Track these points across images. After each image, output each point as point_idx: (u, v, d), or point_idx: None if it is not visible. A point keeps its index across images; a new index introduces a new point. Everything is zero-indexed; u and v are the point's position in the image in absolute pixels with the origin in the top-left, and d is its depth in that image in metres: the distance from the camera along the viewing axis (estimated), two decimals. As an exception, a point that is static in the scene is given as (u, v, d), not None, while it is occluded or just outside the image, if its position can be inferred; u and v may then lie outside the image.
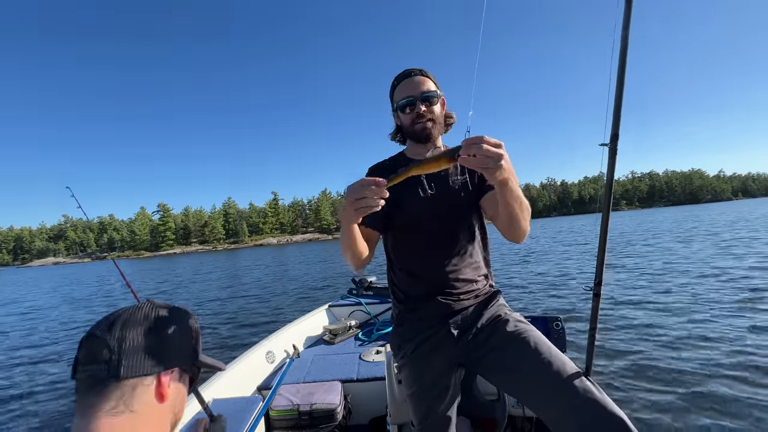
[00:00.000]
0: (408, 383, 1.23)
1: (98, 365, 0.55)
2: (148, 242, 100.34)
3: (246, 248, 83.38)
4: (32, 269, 72.18)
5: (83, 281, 22.51)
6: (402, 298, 1.26)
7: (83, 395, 0.55)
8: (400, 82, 1.22)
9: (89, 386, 0.55)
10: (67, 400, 3.92)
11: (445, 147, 1.25)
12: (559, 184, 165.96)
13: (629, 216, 57.20)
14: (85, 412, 0.54)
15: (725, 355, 3.56)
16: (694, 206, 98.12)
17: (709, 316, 4.82)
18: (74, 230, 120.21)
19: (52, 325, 8.46)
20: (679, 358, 3.60)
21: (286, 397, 1.98)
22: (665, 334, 4.26)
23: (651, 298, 6.00)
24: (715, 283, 6.69)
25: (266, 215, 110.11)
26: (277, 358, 2.58)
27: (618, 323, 4.82)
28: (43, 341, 6.84)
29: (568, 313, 5.53)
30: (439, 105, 1.22)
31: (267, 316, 6.89)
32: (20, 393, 4.26)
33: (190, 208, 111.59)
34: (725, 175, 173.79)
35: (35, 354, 5.96)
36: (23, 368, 5.23)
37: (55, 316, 9.55)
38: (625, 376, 3.32)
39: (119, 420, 0.54)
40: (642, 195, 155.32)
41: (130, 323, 0.59)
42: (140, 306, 0.64)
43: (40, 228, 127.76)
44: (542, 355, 1.03)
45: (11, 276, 44.17)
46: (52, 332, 7.59)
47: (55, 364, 5.32)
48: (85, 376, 0.55)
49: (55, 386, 4.36)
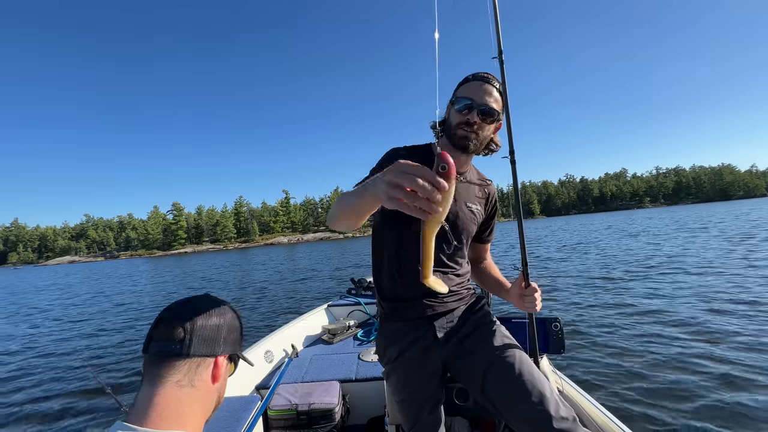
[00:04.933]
0: (397, 390, 1.21)
1: (173, 342, 0.65)
2: (161, 241, 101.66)
3: (257, 247, 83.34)
4: (48, 268, 73.91)
5: (108, 277, 22.61)
6: (389, 297, 1.23)
7: (155, 367, 0.64)
8: (472, 81, 1.16)
9: (161, 359, 0.64)
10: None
11: (472, 168, 1.31)
12: (579, 181, 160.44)
13: (653, 212, 53.83)
14: (155, 381, 0.63)
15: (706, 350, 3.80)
16: (724, 203, 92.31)
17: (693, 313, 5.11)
18: (95, 229, 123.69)
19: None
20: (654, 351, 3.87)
21: (285, 396, 1.99)
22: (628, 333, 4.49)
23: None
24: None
25: (277, 214, 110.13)
26: (276, 358, 2.60)
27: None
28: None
29: (566, 314, 5.58)
30: (493, 126, 1.18)
31: (266, 316, 6.78)
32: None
33: (203, 207, 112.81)
34: (758, 170, 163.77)
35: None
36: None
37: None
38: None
39: (182, 392, 0.64)
40: (667, 191, 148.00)
41: (200, 310, 0.69)
42: (202, 297, 0.73)
43: (63, 227, 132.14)
44: (525, 384, 1.03)
45: (28, 273, 44.64)
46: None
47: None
48: (158, 350, 0.64)
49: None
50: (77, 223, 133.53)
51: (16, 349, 6.40)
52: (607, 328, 4.71)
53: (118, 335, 6.89)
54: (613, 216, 66.00)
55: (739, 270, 7.79)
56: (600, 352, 3.97)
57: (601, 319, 5.26)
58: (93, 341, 6.60)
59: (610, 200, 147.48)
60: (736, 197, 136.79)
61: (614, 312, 5.53)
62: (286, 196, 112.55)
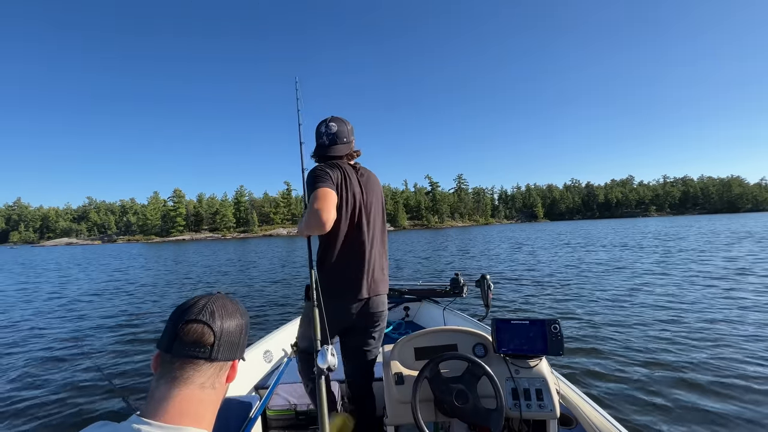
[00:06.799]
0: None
1: (202, 347, 0.66)
2: (159, 227, 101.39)
3: (255, 238, 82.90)
4: (45, 248, 73.85)
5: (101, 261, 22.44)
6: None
7: (179, 367, 0.64)
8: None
9: (188, 362, 0.65)
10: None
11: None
12: (584, 186, 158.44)
13: (655, 222, 52.68)
14: (178, 381, 0.63)
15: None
16: (732, 215, 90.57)
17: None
18: (97, 212, 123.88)
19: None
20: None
21: (284, 396, 2.02)
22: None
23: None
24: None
25: (278, 205, 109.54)
26: (275, 358, 2.62)
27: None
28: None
29: (564, 314, 5.65)
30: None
31: (266, 316, 6.70)
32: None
33: (204, 195, 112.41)
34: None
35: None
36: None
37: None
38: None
39: (204, 393, 0.65)
40: (674, 201, 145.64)
41: (226, 315, 0.70)
42: (221, 297, 0.74)
43: (65, 208, 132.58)
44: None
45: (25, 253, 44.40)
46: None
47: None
48: (186, 353, 0.65)
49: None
50: (79, 205, 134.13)
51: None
52: (606, 332, 4.72)
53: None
54: (619, 223, 64.89)
55: (739, 275, 8.33)
56: (599, 352, 4.01)
57: (600, 319, 5.34)
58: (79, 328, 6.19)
59: (615, 207, 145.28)
60: (744, 210, 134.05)
61: (614, 312, 5.60)
62: (288, 188, 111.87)
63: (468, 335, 1.64)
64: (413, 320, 3.68)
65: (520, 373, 1.48)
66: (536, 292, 7.37)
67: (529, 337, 1.50)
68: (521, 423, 1.52)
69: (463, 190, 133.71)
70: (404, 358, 1.61)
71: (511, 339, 1.52)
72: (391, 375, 1.54)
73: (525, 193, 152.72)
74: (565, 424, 1.72)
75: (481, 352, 1.58)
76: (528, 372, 1.48)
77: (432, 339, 1.65)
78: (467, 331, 1.65)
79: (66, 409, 3.33)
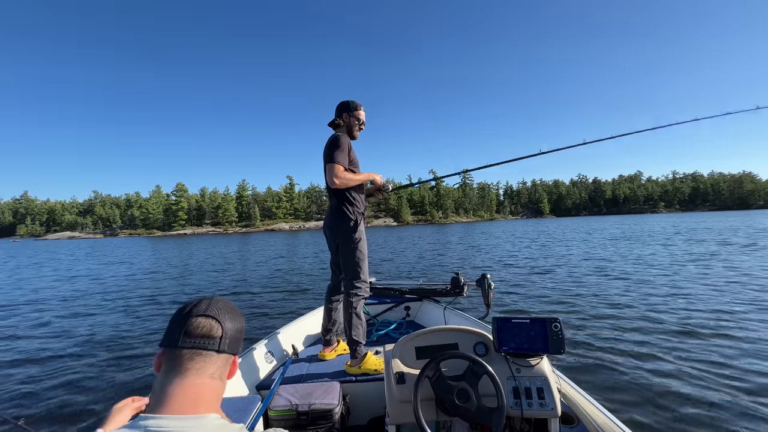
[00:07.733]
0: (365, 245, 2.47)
1: (212, 339, 0.71)
2: (161, 221, 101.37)
3: (257, 232, 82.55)
4: (47, 242, 74.08)
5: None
6: (362, 211, 2.50)
7: (189, 359, 0.68)
8: (361, 108, 2.54)
9: (200, 354, 0.69)
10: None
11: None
12: (591, 182, 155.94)
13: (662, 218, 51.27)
14: (189, 372, 0.67)
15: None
16: (743, 212, 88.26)
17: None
18: (102, 206, 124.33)
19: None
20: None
21: (285, 397, 2.02)
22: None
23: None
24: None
25: (280, 200, 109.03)
26: (276, 358, 2.63)
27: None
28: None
29: (565, 313, 5.64)
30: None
31: (265, 316, 6.60)
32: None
33: (207, 189, 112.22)
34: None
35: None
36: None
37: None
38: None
39: (215, 383, 0.71)
40: (683, 197, 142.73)
41: (227, 312, 0.76)
42: (221, 299, 0.79)
43: (71, 202, 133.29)
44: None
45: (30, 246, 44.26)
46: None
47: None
48: (196, 345, 0.70)
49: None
50: (85, 199, 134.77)
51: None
52: (606, 330, 4.71)
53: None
54: (626, 219, 63.46)
55: (742, 274, 8.26)
56: (601, 351, 4.00)
57: (602, 317, 5.32)
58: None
59: (623, 203, 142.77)
60: (755, 207, 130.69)
61: (613, 312, 5.56)
62: (291, 183, 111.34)
63: (469, 334, 1.64)
64: (414, 320, 3.65)
65: (521, 372, 1.48)
66: (537, 291, 7.30)
67: (530, 335, 1.50)
68: (523, 422, 1.52)
69: (468, 185, 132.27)
70: (405, 358, 1.60)
71: (512, 338, 1.51)
72: (393, 374, 1.52)
73: (531, 188, 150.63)
74: (567, 422, 1.70)
75: (482, 351, 1.58)
76: (529, 371, 1.48)
77: (433, 338, 1.65)
78: (468, 330, 1.65)
79: (66, 409, 3.29)
